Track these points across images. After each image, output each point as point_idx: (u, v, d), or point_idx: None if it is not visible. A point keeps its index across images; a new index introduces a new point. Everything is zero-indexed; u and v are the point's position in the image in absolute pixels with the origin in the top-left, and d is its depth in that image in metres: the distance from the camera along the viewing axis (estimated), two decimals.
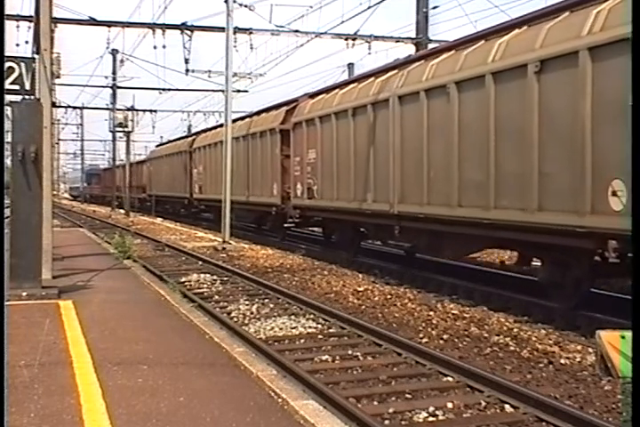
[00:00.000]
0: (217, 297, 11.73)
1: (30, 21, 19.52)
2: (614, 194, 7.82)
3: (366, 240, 17.22)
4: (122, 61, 36.13)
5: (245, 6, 21.67)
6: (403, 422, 5.64)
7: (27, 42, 20.83)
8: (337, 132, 15.19)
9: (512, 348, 7.99)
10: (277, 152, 19.73)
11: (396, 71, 13.46)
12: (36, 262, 9.96)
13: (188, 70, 26.30)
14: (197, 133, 34.49)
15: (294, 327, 9.12)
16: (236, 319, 9.72)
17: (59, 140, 62.31)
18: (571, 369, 7.09)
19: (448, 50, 12.06)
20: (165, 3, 25.14)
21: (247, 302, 11.00)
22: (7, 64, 10.00)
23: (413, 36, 23.05)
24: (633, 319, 3.85)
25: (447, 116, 10.96)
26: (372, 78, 14.43)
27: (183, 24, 23.61)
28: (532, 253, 10.41)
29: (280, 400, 5.37)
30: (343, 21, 20.20)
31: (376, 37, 23.99)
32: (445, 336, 8.60)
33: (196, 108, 49.34)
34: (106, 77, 41.45)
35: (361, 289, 12.14)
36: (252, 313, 10.15)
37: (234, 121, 25.43)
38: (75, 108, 48.74)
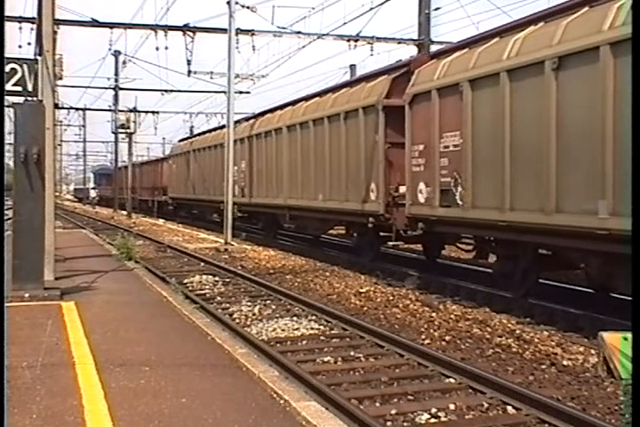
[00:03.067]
0: (219, 298, 11.73)
1: (33, 23, 19.51)
2: None
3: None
4: (124, 63, 36.25)
5: (248, 8, 21.67)
6: (405, 424, 5.64)
7: (29, 43, 20.86)
8: (511, 101, 9.78)
9: (514, 349, 7.98)
10: (380, 139, 14.08)
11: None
12: (38, 264, 9.97)
13: (190, 72, 26.27)
14: (238, 122, 25.53)
15: (296, 329, 9.11)
16: (238, 321, 9.72)
17: (61, 141, 62.43)
18: (573, 371, 7.09)
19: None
20: (168, 4, 25.13)
21: (249, 304, 10.99)
22: (10, 66, 10.03)
23: (415, 37, 23.06)
24: (633, 320, 3.84)
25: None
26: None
27: (185, 25, 23.59)
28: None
29: (282, 402, 5.37)
30: (345, 23, 20.25)
31: (378, 39, 23.94)
32: (448, 338, 8.60)
33: (198, 110, 49.44)
34: (108, 79, 41.53)
35: (363, 290, 12.13)
36: (254, 314, 10.15)
37: (286, 105, 21.23)
38: (77, 109, 48.82)
